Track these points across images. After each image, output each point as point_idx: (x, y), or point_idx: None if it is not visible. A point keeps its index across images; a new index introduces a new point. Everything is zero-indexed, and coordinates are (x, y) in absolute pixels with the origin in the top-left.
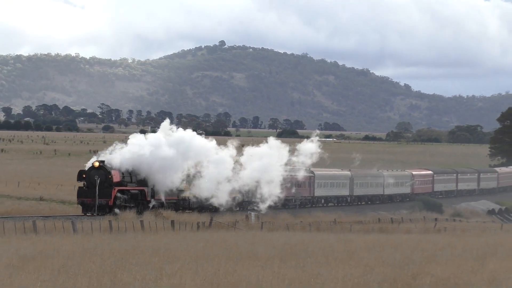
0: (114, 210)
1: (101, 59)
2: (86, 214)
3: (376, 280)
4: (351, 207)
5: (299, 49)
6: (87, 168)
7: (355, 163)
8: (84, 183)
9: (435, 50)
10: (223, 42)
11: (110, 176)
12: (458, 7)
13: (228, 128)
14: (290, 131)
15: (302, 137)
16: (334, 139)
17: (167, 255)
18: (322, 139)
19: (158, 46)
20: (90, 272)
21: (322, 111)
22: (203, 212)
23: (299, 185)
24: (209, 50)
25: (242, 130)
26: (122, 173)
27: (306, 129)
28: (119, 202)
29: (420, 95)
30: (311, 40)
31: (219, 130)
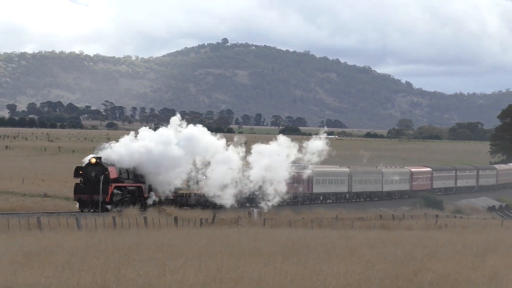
0: (105, 206)
1: (105, 56)
2: (83, 210)
3: (378, 276)
4: (351, 204)
5: (301, 46)
6: (84, 164)
7: (362, 160)
8: (81, 179)
9: (436, 48)
10: (226, 40)
11: (107, 172)
12: (458, 5)
13: (231, 125)
14: (292, 128)
15: (305, 134)
16: (336, 136)
17: (171, 251)
18: (317, 136)
19: (162, 44)
20: (94, 268)
21: (324, 108)
22: (205, 208)
23: (298, 182)
24: (212, 47)
25: (244, 127)
26: (119, 169)
27: (308, 126)
28: (116, 199)
29: (421, 93)
30: (313, 38)
31: (222, 127)
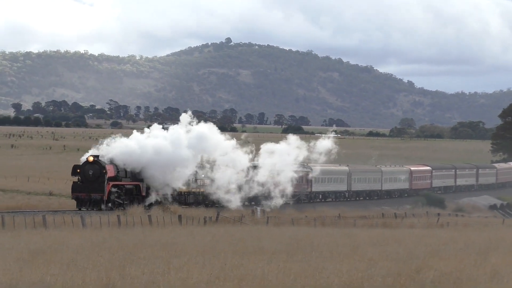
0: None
1: (109, 56)
2: (81, 209)
3: (380, 274)
4: (352, 203)
5: (304, 46)
6: (81, 162)
7: (371, 159)
8: (79, 177)
9: (438, 48)
10: (229, 40)
11: (104, 170)
12: (460, 5)
13: (234, 124)
14: (295, 127)
15: (307, 133)
16: (338, 135)
17: (175, 249)
18: (326, 135)
19: (166, 44)
20: (98, 266)
21: (326, 107)
22: (205, 207)
23: (297, 180)
24: (215, 47)
25: (248, 126)
26: (117, 167)
27: (311, 125)
28: (113, 197)
29: (423, 92)
30: (315, 37)
31: (225, 126)
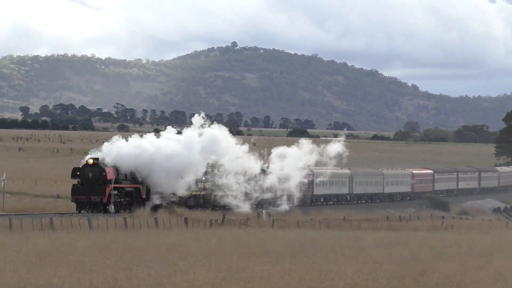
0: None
1: (116, 59)
2: (81, 211)
3: (385, 276)
4: (357, 206)
5: (309, 50)
6: (81, 165)
7: (383, 162)
8: (78, 180)
9: (442, 51)
10: (235, 43)
11: (104, 173)
12: (464, 9)
13: (240, 127)
14: (300, 130)
15: (313, 136)
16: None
17: (181, 251)
18: (330, 138)
19: (172, 47)
20: (105, 268)
21: (331, 110)
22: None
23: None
24: (221, 51)
25: (253, 129)
26: (117, 170)
27: (316, 128)
28: (113, 200)
29: (427, 96)
30: (321, 41)
31: (231, 129)
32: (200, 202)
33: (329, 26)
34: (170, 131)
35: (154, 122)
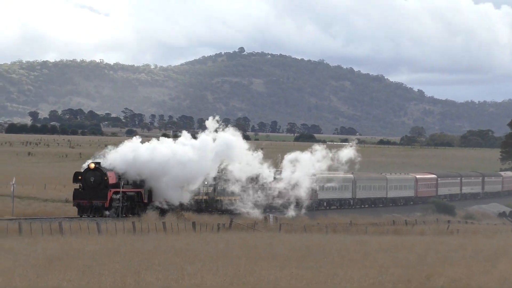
0: (104, 212)
1: (124, 65)
2: (82, 216)
3: (391, 280)
4: (363, 210)
5: (316, 55)
6: (83, 170)
7: (389, 167)
8: (80, 185)
9: (448, 57)
10: (242, 49)
11: (106, 177)
12: (470, 15)
13: (247, 132)
14: (307, 135)
15: (319, 141)
16: (350, 143)
17: (189, 255)
18: (337, 143)
19: (180, 53)
20: (114, 272)
21: (338, 115)
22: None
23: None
24: (229, 56)
25: (260, 134)
26: (119, 174)
27: (323, 133)
28: (115, 204)
29: (433, 101)
30: (327, 46)
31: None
32: (203, 206)
33: (335, 31)
34: (186, 136)
35: (162, 127)
